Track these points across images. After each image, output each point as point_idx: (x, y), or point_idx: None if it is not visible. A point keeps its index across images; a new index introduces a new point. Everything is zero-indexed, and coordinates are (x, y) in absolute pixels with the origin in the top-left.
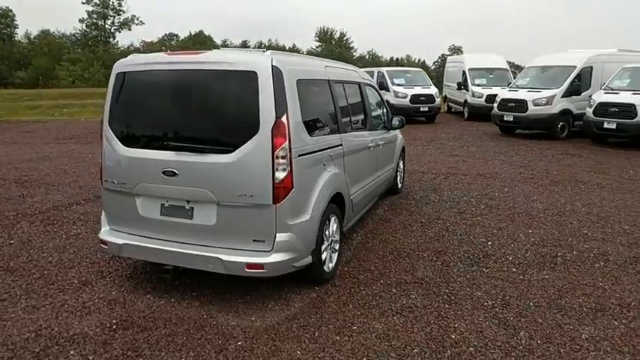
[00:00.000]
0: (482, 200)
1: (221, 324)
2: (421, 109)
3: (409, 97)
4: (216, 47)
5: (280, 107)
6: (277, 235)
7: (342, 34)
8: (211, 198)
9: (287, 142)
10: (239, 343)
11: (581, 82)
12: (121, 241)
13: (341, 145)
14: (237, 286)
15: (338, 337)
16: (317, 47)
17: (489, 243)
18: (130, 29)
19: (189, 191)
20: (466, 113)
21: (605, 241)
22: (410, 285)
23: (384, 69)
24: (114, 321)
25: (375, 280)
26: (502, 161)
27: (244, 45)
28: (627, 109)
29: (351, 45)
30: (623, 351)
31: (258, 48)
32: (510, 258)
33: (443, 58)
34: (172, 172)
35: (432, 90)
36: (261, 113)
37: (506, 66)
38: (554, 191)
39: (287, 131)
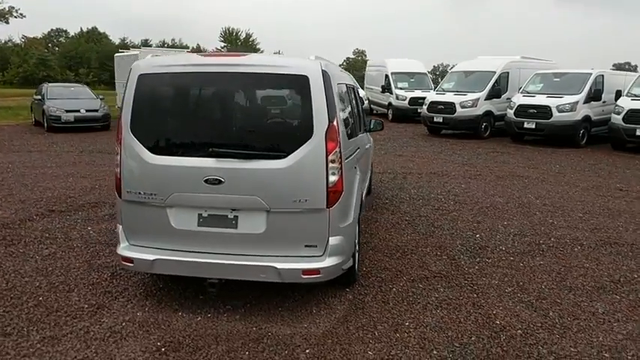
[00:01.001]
0: (448, 197)
1: (277, 334)
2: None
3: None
4: (115, 45)
5: (331, 111)
6: (330, 239)
7: (249, 35)
8: (262, 205)
9: (338, 146)
10: (307, 351)
11: (500, 86)
12: (152, 257)
13: (358, 147)
14: (267, 295)
15: (398, 335)
16: (222, 47)
17: (477, 236)
18: (7, 22)
19: (237, 199)
20: (390, 115)
21: (570, 228)
22: (432, 280)
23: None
24: (158, 343)
25: (398, 278)
26: (445, 160)
27: (145, 44)
28: (544, 111)
29: (257, 46)
30: (635, 319)
31: (162, 47)
32: (503, 248)
33: (348, 62)
34: (217, 180)
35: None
36: (314, 118)
37: (425, 70)
38: (505, 186)
39: (338, 135)
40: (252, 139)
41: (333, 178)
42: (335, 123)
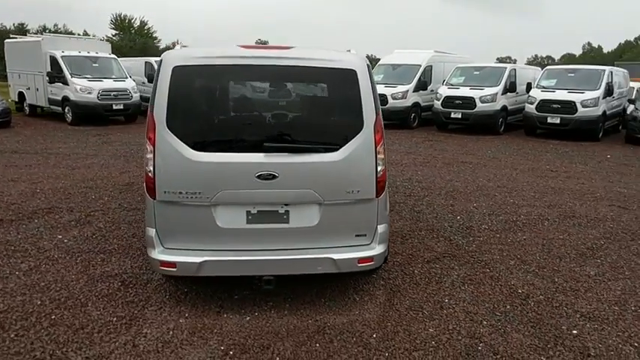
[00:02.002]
0: (412, 184)
1: (335, 324)
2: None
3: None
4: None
5: (377, 104)
6: (378, 227)
7: (143, 23)
8: (316, 198)
9: (383, 137)
10: (374, 336)
11: (425, 79)
12: (198, 260)
13: None
14: (300, 289)
15: (445, 311)
16: (114, 35)
17: (458, 217)
18: None
19: (291, 193)
20: None
21: (531, 206)
22: (443, 260)
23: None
24: (222, 347)
25: (413, 260)
26: (389, 149)
27: (22, 30)
28: (469, 102)
29: (154, 35)
30: (621, 277)
31: (44, 32)
32: (486, 227)
33: None
34: (271, 175)
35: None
36: (364, 111)
37: None
38: (454, 171)
39: (382, 127)
40: (304, 133)
41: (380, 169)
42: (380, 115)
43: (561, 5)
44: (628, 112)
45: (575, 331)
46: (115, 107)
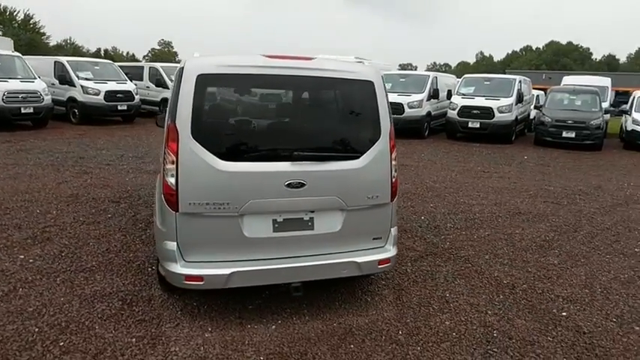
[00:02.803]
0: None
1: (360, 325)
2: None
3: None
4: None
5: (390, 114)
6: (391, 229)
7: (28, 16)
8: (340, 204)
9: (395, 144)
10: (400, 332)
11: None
12: (227, 271)
13: None
14: (310, 294)
15: (451, 304)
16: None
17: (422, 217)
18: None
19: (317, 201)
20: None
21: (481, 205)
22: (427, 258)
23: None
24: (261, 358)
25: (401, 260)
26: None
27: None
28: (398, 107)
29: (42, 30)
30: (580, 265)
31: None
32: (450, 225)
33: (153, 52)
34: (300, 183)
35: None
36: (381, 120)
37: None
38: (400, 174)
39: (394, 135)
40: (328, 141)
41: (394, 174)
42: (392, 124)
43: (454, 15)
44: (536, 117)
45: (564, 313)
46: (23, 111)
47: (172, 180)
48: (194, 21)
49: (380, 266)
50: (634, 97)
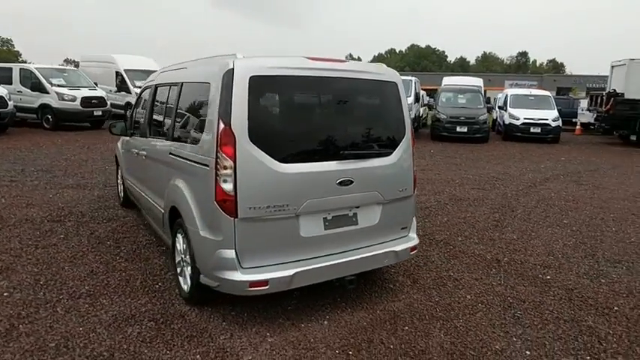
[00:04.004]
0: None
1: (400, 309)
2: None
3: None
4: None
5: (410, 113)
6: (413, 219)
7: None
8: (379, 198)
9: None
10: (437, 310)
11: None
12: (291, 272)
13: None
14: (326, 290)
15: (461, 281)
16: None
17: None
18: None
19: (362, 196)
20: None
21: (424, 195)
22: (425, 240)
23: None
24: (337, 352)
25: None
26: None
27: None
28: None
29: None
30: (535, 236)
31: None
32: (420, 214)
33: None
34: (349, 180)
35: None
36: (405, 118)
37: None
38: None
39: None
40: (368, 140)
41: (415, 168)
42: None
43: (323, 18)
44: (428, 114)
45: (548, 277)
46: None
47: (229, 186)
48: (38, 21)
49: (411, 253)
50: (507, 95)
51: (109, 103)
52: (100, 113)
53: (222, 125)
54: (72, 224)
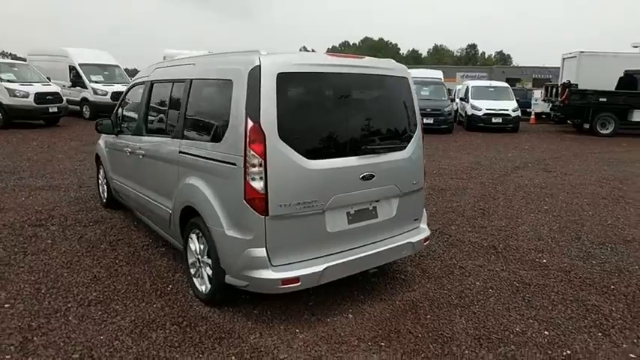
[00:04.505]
0: None
1: (418, 299)
2: None
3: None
4: None
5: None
6: (424, 210)
7: None
8: (396, 192)
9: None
10: (453, 297)
11: None
12: (321, 268)
13: None
14: (347, 283)
15: (466, 268)
16: None
17: None
18: None
19: (382, 190)
20: (87, 113)
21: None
22: (444, 233)
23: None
24: (368, 343)
25: None
26: None
27: None
28: None
29: None
30: (535, 211)
31: None
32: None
33: None
34: (371, 175)
35: None
36: (416, 113)
37: (116, 62)
38: None
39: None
40: (385, 134)
41: (424, 161)
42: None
43: (274, 8)
44: None
45: (544, 261)
46: None
47: (259, 184)
48: None
49: (425, 243)
50: (468, 87)
51: (64, 99)
52: (56, 110)
53: (250, 123)
54: (56, 228)
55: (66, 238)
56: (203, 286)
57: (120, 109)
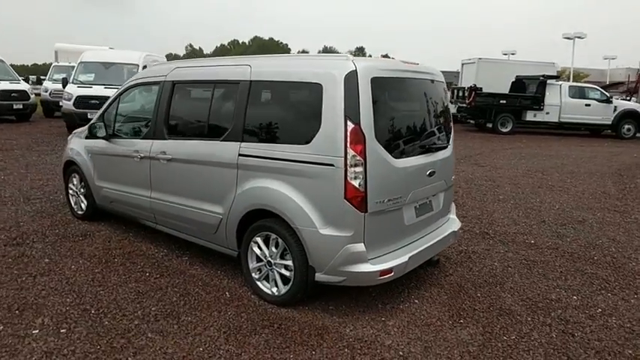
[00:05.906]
0: None
1: (449, 282)
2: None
3: None
4: None
5: None
6: (452, 203)
7: None
8: (444, 186)
9: None
10: (484, 281)
11: None
12: (406, 258)
13: None
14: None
15: (489, 247)
16: None
17: None
18: None
19: (438, 185)
20: None
21: None
22: None
23: None
24: (417, 337)
25: None
26: None
27: None
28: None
29: None
30: (516, 214)
31: None
32: None
33: None
34: (434, 171)
35: None
36: (450, 113)
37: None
38: None
39: None
40: (438, 134)
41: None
42: None
43: (158, 7)
44: None
45: (532, 241)
46: None
47: (359, 183)
48: None
49: (459, 232)
50: None
51: (32, 97)
52: (21, 107)
53: (351, 125)
54: (42, 246)
55: (64, 256)
56: (274, 289)
57: (113, 112)
